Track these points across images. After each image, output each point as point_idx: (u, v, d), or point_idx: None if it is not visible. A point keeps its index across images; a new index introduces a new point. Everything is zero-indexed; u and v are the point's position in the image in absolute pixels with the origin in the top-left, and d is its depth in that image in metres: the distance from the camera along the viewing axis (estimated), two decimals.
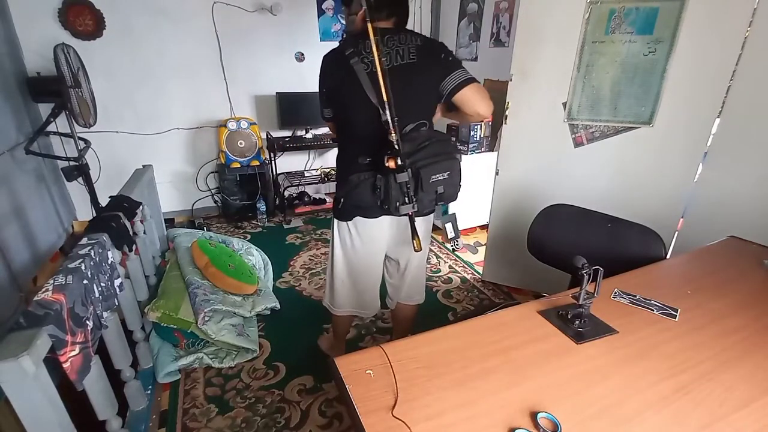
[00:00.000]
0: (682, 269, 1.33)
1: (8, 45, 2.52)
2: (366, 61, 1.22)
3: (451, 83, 1.27)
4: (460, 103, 1.30)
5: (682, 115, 1.78)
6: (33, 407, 0.94)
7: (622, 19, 1.78)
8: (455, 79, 1.27)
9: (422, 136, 1.27)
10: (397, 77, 1.21)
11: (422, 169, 1.21)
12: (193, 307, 1.86)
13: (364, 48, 1.23)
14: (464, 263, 2.82)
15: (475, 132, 2.94)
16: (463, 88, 1.27)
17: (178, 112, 3.30)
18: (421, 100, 1.31)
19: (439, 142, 1.28)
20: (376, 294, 1.62)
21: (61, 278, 1.11)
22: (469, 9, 3.41)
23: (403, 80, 1.23)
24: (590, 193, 2.02)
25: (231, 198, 3.42)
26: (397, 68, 1.24)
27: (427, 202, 1.30)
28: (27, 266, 2.28)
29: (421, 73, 1.27)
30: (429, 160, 1.23)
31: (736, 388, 0.81)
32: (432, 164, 1.23)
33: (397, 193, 1.21)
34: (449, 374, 0.83)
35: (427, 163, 1.23)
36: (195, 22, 3.11)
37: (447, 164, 1.26)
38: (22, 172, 2.42)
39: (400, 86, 1.21)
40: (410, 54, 1.25)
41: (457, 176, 1.31)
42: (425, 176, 1.22)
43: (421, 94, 1.30)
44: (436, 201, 1.32)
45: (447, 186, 1.29)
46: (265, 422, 1.59)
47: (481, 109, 1.31)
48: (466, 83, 1.27)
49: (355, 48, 1.23)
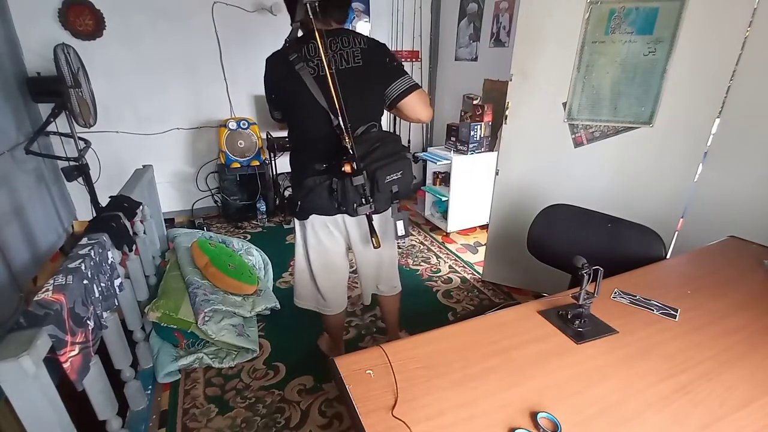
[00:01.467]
0: (682, 269, 1.33)
1: (8, 45, 2.52)
2: (311, 65, 1.23)
3: (397, 89, 1.31)
4: (403, 108, 1.35)
5: (682, 115, 1.78)
6: (33, 407, 0.94)
7: (622, 19, 1.78)
8: (401, 85, 1.31)
9: (374, 138, 1.30)
10: (345, 81, 1.22)
11: (377, 171, 1.24)
12: (193, 307, 1.86)
13: (308, 52, 1.24)
14: (464, 263, 2.82)
15: (475, 132, 2.94)
16: (408, 95, 1.31)
17: (178, 112, 3.31)
18: (369, 103, 1.33)
19: (390, 142, 1.31)
20: (338, 292, 1.63)
21: (61, 278, 1.11)
22: (469, 9, 3.41)
23: (350, 84, 1.24)
24: (590, 193, 2.02)
25: (231, 198, 3.42)
26: (343, 72, 1.24)
27: (383, 201, 1.34)
28: (27, 266, 2.28)
29: (367, 77, 1.29)
30: (383, 162, 1.26)
31: (736, 388, 0.81)
32: (386, 165, 1.26)
33: (353, 195, 1.25)
34: (449, 374, 0.83)
35: (382, 164, 1.26)
36: (195, 22, 3.11)
37: (400, 164, 1.29)
38: (22, 172, 2.42)
39: (347, 90, 1.22)
40: (355, 57, 1.27)
41: (409, 174, 1.34)
42: (380, 177, 1.25)
43: (368, 97, 1.32)
44: (391, 200, 1.35)
45: (401, 185, 1.32)
46: (265, 422, 1.59)
47: (422, 116, 1.37)
48: (411, 90, 1.32)
49: (299, 53, 1.22)
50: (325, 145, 1.27)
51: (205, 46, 3.19)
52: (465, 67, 3.57)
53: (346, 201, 1.26)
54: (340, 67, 1.25)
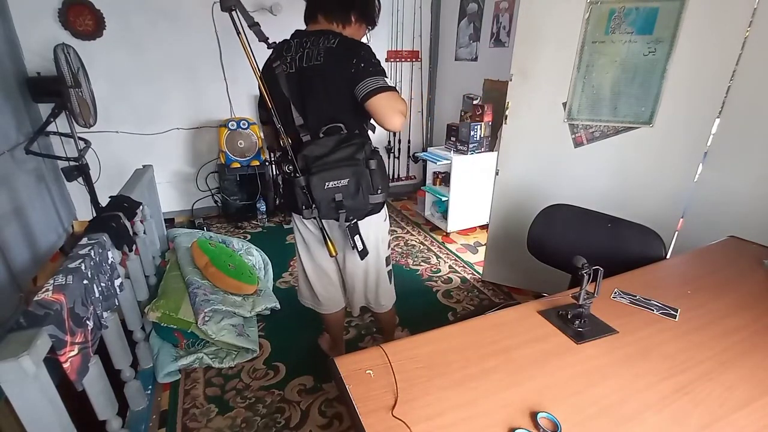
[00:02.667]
0: (682, 269, 1.33)
1: (8, 45, 2.52)
2: (285, 63, 1.26)
3: (362, 90, 1.20)
4: (370, 112, 1.22)
5: (682, 115, 1.78)
6: (33, 407, 0.94)
7: (622, 19, 1.78)
8: (366, 86, 1.19)
9: (332, 141, 1.24)
10: (306, 79, 1.23)
11: (313, 176, 1.20)
12: (193, 307, 1.86)
13: (287, 50, 1.27)
14: (464, 263, 2.82)
15: (475, 132, 2.94)
16: (372, 97, 1.18)
17: (178, 112, 3.31)
18: (332, 102, 1.26)
19: (348, 147, 1.23)
20: (331, 291, 1.62)
21: (61, 278, 1.11)
22: (469, 9, 3.41)
23: (310, 82, 1.24)
24: (590, 193, 2.02)
25: (231, 198, 3.42)
26: (306, 69, 1.24)
27: (327, 209, 1.25)
28: (27, 266, 2.28)
29: (325, 75, 1.23)
30: (324, 167, 1.21)
31: (736, 388, 0.81)
32: (326, 170, 1.20)
33: (302, 197, 1.24)
34: (449, 374, 0.83)
35: (321, 169, 1.20)
36: (195, 22, 3.11)
37: (345, 171, 1.21)
38: (22, 172, 2.42)
39: (308, 88, 1.22)
40: (318, 55, 1.23)
41: (360, 186, 1.23)
42: (316, 182, 1.20)
43: (332, 96, 1.25)
44: (336, 209, 1.25)
45: (345, 195, 1.23)
46: (265, 422, 1.59)
47: (386, 122, 1.20)
48: (374, 93, 1.18)
49: (279, 54, 1.27)
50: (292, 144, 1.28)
51: (205, 46, 3.19)
52: (465, 67, 3.57)
53: (296, 201, 1.26)
54: (303, 65, 1.24)
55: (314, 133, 1.27)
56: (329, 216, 1.29)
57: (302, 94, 1.25)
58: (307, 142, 1.25)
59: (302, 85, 1.25)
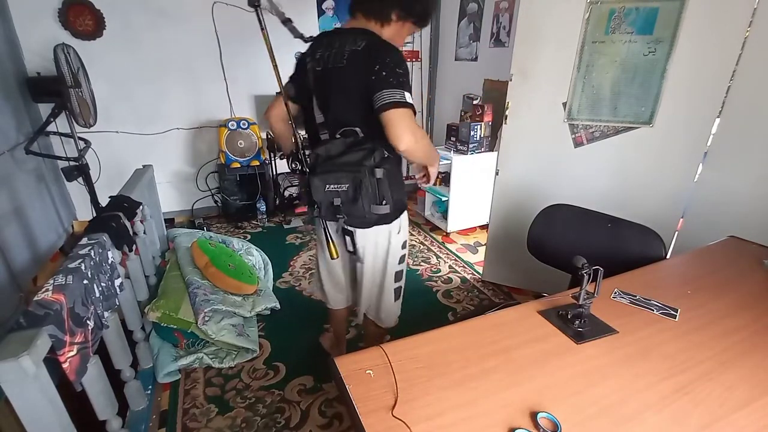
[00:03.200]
0: (682, 269, 1.33)
1: (8, 45, 2.52)
2: (314, 60, 1.27)
3: (377, 101, 1.13)
4: (382, 125, 1.14)
5: (682, 115, 1.78)
6: (33, 407, 0.94)
7: (622, 19, 1.78)
8: (382, 98, 1.12)
9: (342, 144, 1.22)
10: (328, 80, 1.22)
11: (317, 176, 1.19)
12: (193, 307, 1.86)
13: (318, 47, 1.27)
14: (464, 263, 2.82)
15: (475, 132, 2.94)
16: (384, 111, 1.11)
17: (178, 112, 3.31)
18: (350, 106, 1.22)
19: (356, 152, 1.20)
20: (338, 289, 1.62)
21: (61, 278, 1.11)
22: (469, 9, 3.41)
23: (333, 84, 1.23)
24: (590, 193, 2.02)
25: (231, 198, 3.42)
26: (331, 70, 1.22)
27: (327, 211, 1.24)
28: (27, 266, 2.28)
29: (345, 79, 1.20)
30: (329, 168, 1.20)
31: (736, 388, 0.81)
32: (328, 172, 1.19)
33: (307, 195, 1.25)
34: (449, 374, 0.83)
35: (325, 170, 1.20)
36: (195, 22, 3.11)
37: (345, 176, 1.18)
38: (22, 172, 2.42)
39: (330, 90, 1.22)
40: (342, 58, 1.20)
41: (361, 194, 1.18)
42: (318, 184, 1.20)
43: (349, 100, 1.21)
44: (335, 213, 1.23)
45: (345, 201, 1.20)
46: (265, 422, 1.59)
47: (394, 140, 1.13)
48: (388, 107, 1.11)
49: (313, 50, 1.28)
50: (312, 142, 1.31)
51: (205, 46, 3.19)
52: (465, 67, 3.57)
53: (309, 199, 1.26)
54: (328, 66, 1.23)
55: (332, 133, 1.26)
56: (329, 218, 1.29)
57: (324, 94, 1.25)
58: (324, 141, 1.26)
59: (325, 85, 1.24)
